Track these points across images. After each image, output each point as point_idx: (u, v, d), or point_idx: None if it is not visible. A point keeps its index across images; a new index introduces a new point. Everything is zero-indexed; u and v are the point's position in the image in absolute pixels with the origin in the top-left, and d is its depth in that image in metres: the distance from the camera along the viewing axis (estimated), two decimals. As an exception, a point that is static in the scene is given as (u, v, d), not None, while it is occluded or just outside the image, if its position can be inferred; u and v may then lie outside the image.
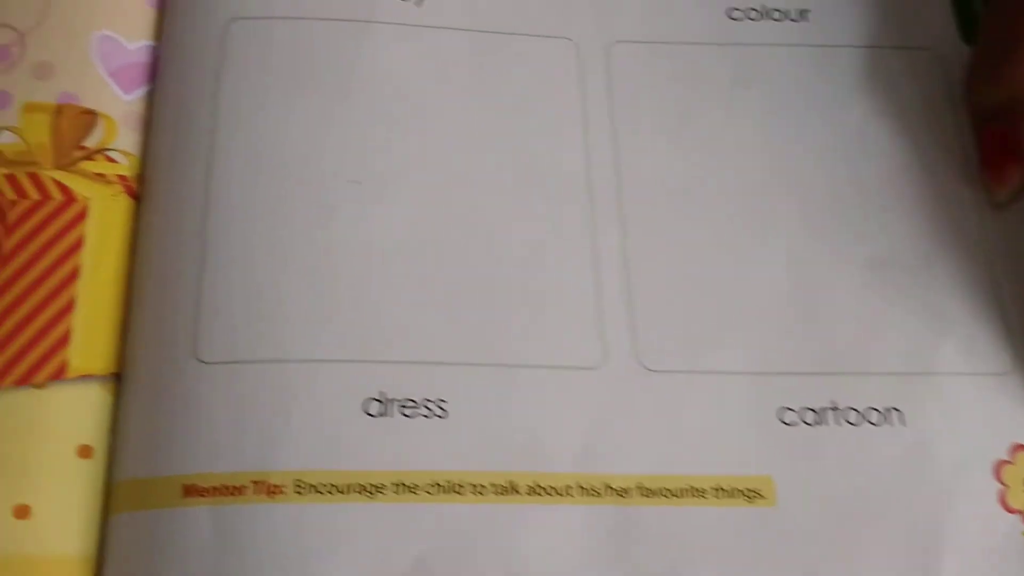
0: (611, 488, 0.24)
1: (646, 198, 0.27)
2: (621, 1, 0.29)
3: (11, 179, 0.25)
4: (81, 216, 0.25)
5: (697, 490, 0.24)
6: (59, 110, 0.26)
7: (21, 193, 0.25)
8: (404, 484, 0.23)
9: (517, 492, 0.23)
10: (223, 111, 0.26)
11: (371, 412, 0.24)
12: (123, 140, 0.26)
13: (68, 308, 0.24)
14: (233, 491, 0.23)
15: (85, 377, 0.24)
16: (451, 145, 0.27)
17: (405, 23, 0.28)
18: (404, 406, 0.24)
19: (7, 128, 0.26)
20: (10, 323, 0.24)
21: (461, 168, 0.27)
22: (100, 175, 0.26)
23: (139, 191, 0.26)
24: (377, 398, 0.24)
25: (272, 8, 0.28)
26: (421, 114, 0.27)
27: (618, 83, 0.28)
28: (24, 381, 0.23)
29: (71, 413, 0.24)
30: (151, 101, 0.27)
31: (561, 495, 0.23)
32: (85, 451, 0.23)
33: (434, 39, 0.28)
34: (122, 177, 0.26)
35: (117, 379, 0.24)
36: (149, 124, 0.27)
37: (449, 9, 0.29)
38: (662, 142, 0.28)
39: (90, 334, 0.24)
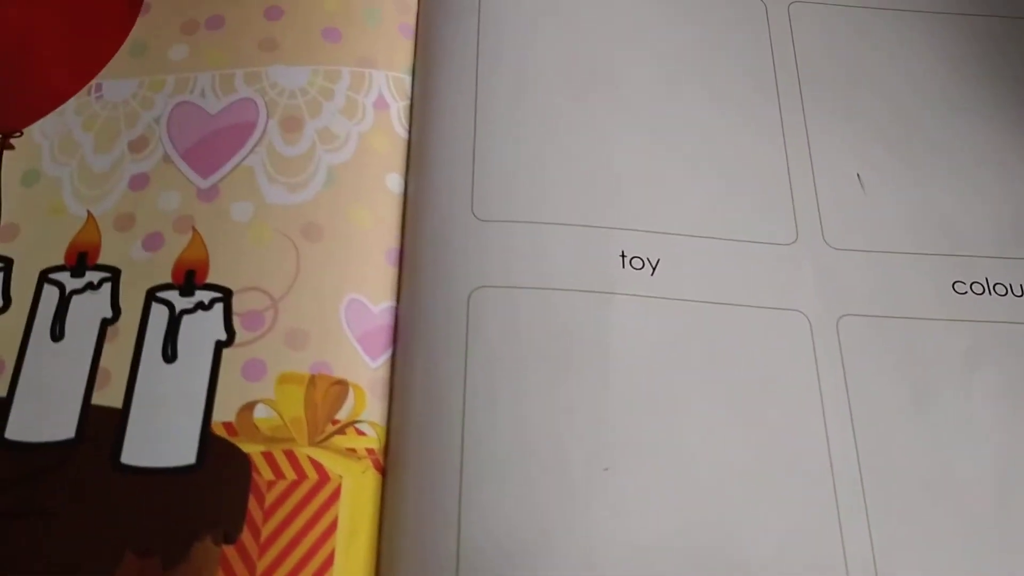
0: None
1: (889, 488, 0.26)
2: (845, 273, 0.29)
3: (268, 456, 0.25)
4: (335, 496, 0.25)
5: None
6: (312, 381, 0.26)
7: (278, 472, 0.25)
8: None
9: None
10: (472, 385, 0.26)
11: None
12: (370, 410, 0.26)
13: (325, 596, 0.24)
14: None
15: (341, 670, 0.23)
16: (693, 426, 0.27)
17: (641, 294, 0.28)
18: None
19: (263, 401, 0.26)
20: (271, 615, 0.23)
21: (704, 452, 0.26)
22: (351, 450, 0.26)
23: (385, 464, 0.26)
24: None
25: (515, 278, 0.28)
26: (662, 392, 0.27)
27: (849, 359, 0.28)
28: (285, 678, 0.23)
29: None
30: (393, 367, 0.27)
31: None
32: None
33: (669, 310, 0.28)
34: (370, 451, 0.26)
35: (370, 671, 0.24)
36: (392, 392, 0.27)
37: (679, 279, 0.29)
38: (898, 425, 0.27)
39: (345, 623, 0.24)
